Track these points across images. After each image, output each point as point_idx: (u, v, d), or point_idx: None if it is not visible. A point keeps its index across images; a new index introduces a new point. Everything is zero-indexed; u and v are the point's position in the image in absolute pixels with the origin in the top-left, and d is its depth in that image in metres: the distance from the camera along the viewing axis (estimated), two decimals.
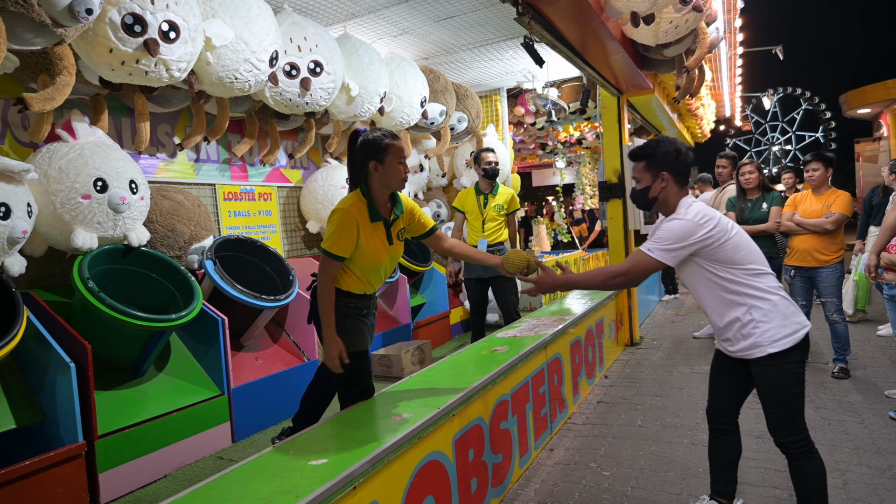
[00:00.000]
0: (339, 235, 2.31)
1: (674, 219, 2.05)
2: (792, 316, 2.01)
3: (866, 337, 5.21)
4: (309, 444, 1.94)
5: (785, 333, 1.98)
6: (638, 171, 2.15)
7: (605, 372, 4.64)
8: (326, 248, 2.33)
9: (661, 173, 2.08)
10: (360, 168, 2.38)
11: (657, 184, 2.10)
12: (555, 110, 7.29)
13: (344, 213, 2.31)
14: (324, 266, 2.35)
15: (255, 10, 3.43)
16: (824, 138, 23.25)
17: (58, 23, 2.38)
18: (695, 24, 4.34)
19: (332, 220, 2.34)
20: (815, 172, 4.10)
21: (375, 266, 2.45)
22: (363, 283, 2.48)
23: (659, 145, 2.10)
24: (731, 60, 8.10)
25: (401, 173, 2.38)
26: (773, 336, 1.98)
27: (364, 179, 2.39)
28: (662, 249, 2.01)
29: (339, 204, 2.37)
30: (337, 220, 2.32)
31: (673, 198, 2.10)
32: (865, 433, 3.11)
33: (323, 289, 2.35)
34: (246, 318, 3.90)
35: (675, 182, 2.09)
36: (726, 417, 2.27)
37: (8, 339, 2.51)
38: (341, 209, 2.33)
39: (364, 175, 2.38)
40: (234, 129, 4.56)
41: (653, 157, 2.10)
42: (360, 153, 2.37)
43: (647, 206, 2.18)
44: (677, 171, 2.08)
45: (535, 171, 15.10)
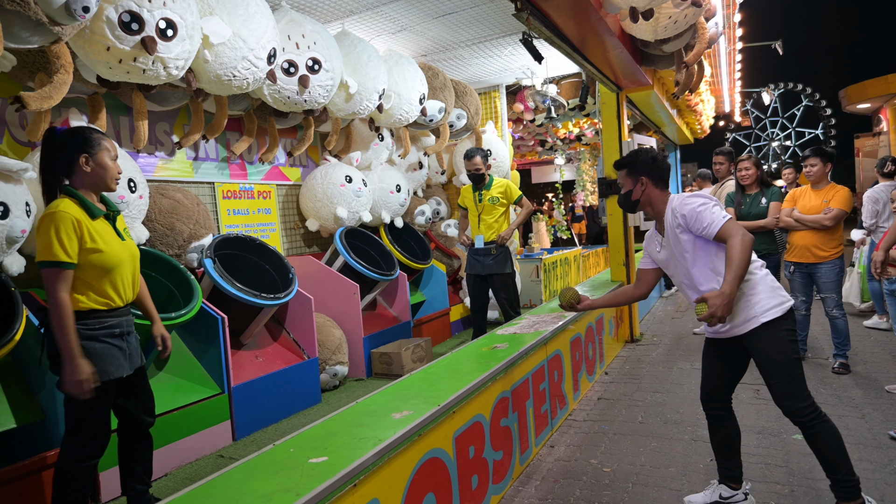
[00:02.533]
0: (58, 237, 2.04)
1: (684, 201, 2.21)
2: (777, 290, 2.18)
3: (866, 332, 5.20)
4: (309, 441, 1.93)
5: (774, 303, 2.14)
6: (621, 179, 2.40)
7: (606, 368, 4.64)
8: (54, 260, 2.03)
9: (640, 178, 2.32)
10: (65, 164, 2.19)
11: (637, 188, 2.33)
12: (554, 107, 7.27)
13: (60, 212, 2.08)
14: (53, 284, 2.04)
15: (253, 7, 3.42)
16: (824, 135, 23.23)
17: (54, 21, 2.37)
18: (694, 20, 4.32)
19: (48, 224, 2.06)
20: (813, 168, 4.10)
21: (115, 266, 2.22)
22: (103, 295, 2.20)
23: (638, 155, 2.36)
24: (731, 56, 8.09)
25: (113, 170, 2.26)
26: (764, 306, 2.13)
27: (69, 176, 2.20)
28: (717, 208, 2.15)
29: (48, 208, 2.11)
30: (59, 223, 2.06)
31: (657, 198, 2.32)
32: (866, 428, 3.11)
33: (56, 305, 2.04)
34: (246, 316, 3.90)
35: (653, 185, 2.31)
36: (719, 402, 2.38)
37: (7, 338, 2.51)
38: (61, 210, 2.08)
39: (69, 172, 2.20)
40: (232, 128, 4.55)
41: (632, 165, 2.35)
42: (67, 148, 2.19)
43: (631, 208, 2.40)
44: (654, 175, 2.31)
45: (535, 168, 15.09)
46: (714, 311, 2.02)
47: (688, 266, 2.24)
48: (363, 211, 5.16)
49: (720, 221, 2.10)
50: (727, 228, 2.09)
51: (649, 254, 2.47)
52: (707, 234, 2.13)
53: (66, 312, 2.06)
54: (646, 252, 2.50)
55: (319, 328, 4.39)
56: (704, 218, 2.13)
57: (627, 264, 5.51)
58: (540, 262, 6.82)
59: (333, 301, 4.76)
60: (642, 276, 2.52)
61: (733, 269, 2.03)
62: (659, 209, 2.32)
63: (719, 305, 2.01)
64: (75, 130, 2.25)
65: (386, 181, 5.55)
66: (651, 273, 2.50)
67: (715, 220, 2.11)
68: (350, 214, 5.03)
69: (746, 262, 2.04)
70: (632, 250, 5.60)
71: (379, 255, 5.24)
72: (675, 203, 2.25)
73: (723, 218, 2.10)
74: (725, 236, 2.08)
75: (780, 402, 2.15)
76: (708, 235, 2.13)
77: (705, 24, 4.61)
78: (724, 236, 2.09)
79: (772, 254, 4.28)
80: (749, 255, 2.05)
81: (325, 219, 5.01)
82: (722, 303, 2.00)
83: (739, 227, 2.08)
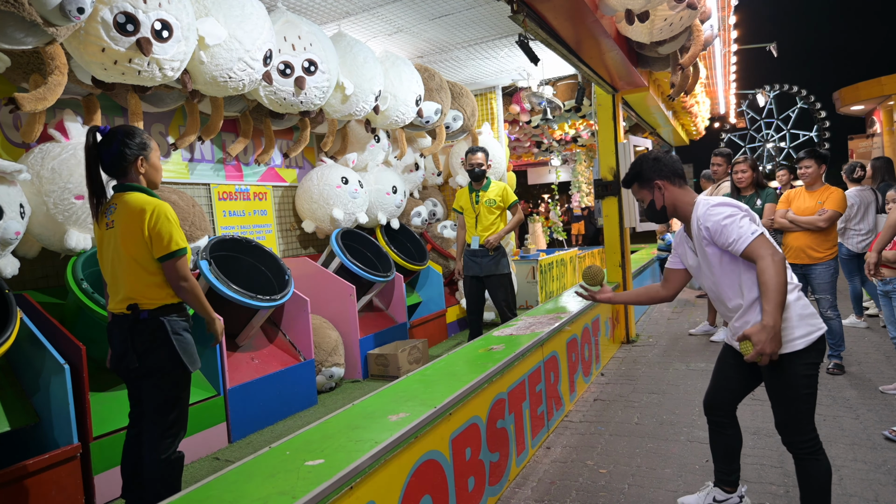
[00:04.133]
0: (178, 227, 2.25)
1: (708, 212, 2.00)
2: (808, 317, 1.96)
3: (860, 333, 5.23)
4: (305, 444, 1.93)
5: (800, 333, 1.93)
6: (636, 193, 2.22)
7: (602, 369, 4.65)
8: (179, 248, 2.22)
9: (654, 183, 2.14)
10: (121, 166, 2.28)
11: (657, 194, 2.15)
12: (550, 108, 7.29)
13: (164, 205, 2.24)
14: (184, 270, 2.25)
15: (249, 8, 3.42)
16: (818, 137, 23.34)
17: (49, 22, 2.36)
18: (689, 22, 4.34)
19: (162, 217, 2.20)
20: (807, 169, 4.12)
21: None
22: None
23: (640, 164, 2.18)
24: (726, 58, 8.13)
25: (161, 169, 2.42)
26: (789, 336, 1.92)
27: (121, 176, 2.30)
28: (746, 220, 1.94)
29: (146, 203, 2.21)
30: (168, 214, 2.22)
31: (680, 198, 2.12)
32: (860, 428, 3.13)
33: (196, 287, 2.28)
34: (242, 318, 3.89)
35: (671, 184, 2.13)
36: (724, 410, 2.28)
37: (1, 340, 2.49)
38: (161, 202, 2.24)
39: (123, 172, 2.29)
40: (228, 129, 4.54)
41: (640, 175, 2.17)
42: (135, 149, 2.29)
43: (662, 218, 2.20)
44: (666, 173, 2.13)
45: (531, 170, 15.12)
46: (762, 349, 1.80)
47: (716, 279, 2.08)
48: (359, 212, 5.15)
49: (748, 238, 1.89)
50: (756, 247, 1.88)
51: (679, 255, 2.30)
52: (733, 251, 1.94)
53: (200, 290, 2.32)
54: (675, 252, 2.33)
55: (316, 330, 4.38)
56: (731, 233, 1.92)
57: (623, 265, 5.52)
58: (536, 263, 6.82)
59: (330, 302, 4.75)
60: (670, 276, 2.34)
61: (772, 298, 1.80)
62: (685, 211, 2.11)
63: (766, 342, 1.79)
64: (128, 132, 2.28)
65: (382, 182, 5.55)
66: (679, 274, 2.32)
67: (742, 237, 1.90)
68: (346, 216, 5.03)
69: (783, 286, 1.82)
70: (627, 252, 5.61)
71: (375, 256, 5.24)
72: (699, 211, 2.04)
73: (751, 235, 1.89)
74: (754, 255, 1.89)
75: (779, 430, 2.05)
76: (734, 252, 1.94)
77: (700, 27, 4.63)
78: (752, 255, 1.89)
79: None
80: (784, 278, 1.84)
81: (322, 220, 5.01)
82: (768, 338, 1.79)
83: (770, 246, 1.89)
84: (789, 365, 1.94)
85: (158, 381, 2.28)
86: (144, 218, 2.17)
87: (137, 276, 2.22)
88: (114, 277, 2.29)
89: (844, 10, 49.61)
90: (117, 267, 2.26)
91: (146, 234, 2.18)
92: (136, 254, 2.20)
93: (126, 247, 2.20)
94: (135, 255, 2.21)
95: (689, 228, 2.16)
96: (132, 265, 2.21)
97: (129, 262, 2.21)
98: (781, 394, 1.99)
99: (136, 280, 2.22)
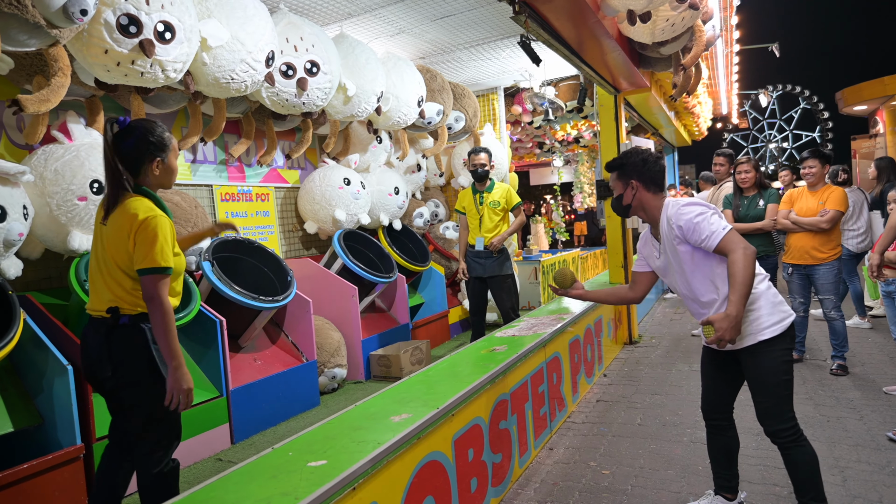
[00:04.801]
0: (167, 243, 2.01)
1: (679, 211, 2.08)
2: (778, 305, 2.07)
3: (864, 334, 5.21)
4: (308, 445, 1.93)
5: (774, 321, 2.04)
6: (612, 181, 2.28)
7: (604, 370, 4.64)
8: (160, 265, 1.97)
9: (630, 181, 2.21)
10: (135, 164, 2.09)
11: (629, 191, 2.22)
12: (552, 109, 7.29)
13: (161, 216, 2.02)
14: (161, 288, 1.99)
15: (251, 10, 3.42)
16: (821, 138, 23.30)
17: (52, 24, 2.37)
18: (691, 22, 4.34)
19: (155, 229, 1.98)
20: (811, 169, 4.11)
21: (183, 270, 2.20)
22: (175, 296, 2.15)
23: (628, 156, 2.23)
24: (728, 58, 8.12)
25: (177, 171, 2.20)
26: (762, 323, 2.04)
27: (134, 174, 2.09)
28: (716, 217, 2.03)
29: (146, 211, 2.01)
30: (163, 229, 2.01)
31: (649, 202, 2.20)
32: (864, 429, 3.11)
33: (167, 311, 2.00)
34: (244, 319, 3.89)
35: (645, 189, 2.20)
36: (721, 413, 2.31)
37: (5, 341, 2.50)
38: (160, 215, 2.03)
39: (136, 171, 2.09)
40: (230, 130, 4.55)
41: (623, 168, 2.23)
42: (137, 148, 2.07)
43: (623, 212, 2.27)
44: (646, 178, 2.19)
45: (533, 170, 15.12)
46: (722, 335, 1.90)
47: (687, 277, 2.15)
48: (361, 213, 5.15)
49: (720, 233, 1.98)
50: (727, 241, 1.97)
51: (645, 258, 2.37)
52: (706, 247, 2.02)
53: (173, 318, 2.01)
54: (641, 255, 2.40)
55: (318, 331, 4.38)
56: (703, 229, 2.01)
57: (626, 266, 5.52)
58: (538, 264, 6.82)
59: (332, 303, 4.75)
60: (637, 279, 2.42)
61: (738, 289, 1.90)
62: (653, 214, 2.20)
63: (726, 329, 1.89)
64: (148, 127, 2.11)
65: (384, 183, 5.55)
66: (646, 276, 2.39)
67: (714, 232, 1.99)
68: (348, 217, 5.03)
69: (751, 279, 1.92)
70: (630, 252, 5.61)
71: (377, 257, 5.24)
72: (670, 211, 2.12)
73: (723, 229, 1.98)
74: (726, 250, 1.97)
75: (761, 420, 2.10)
76: (707, 248, 2.02)
77: (702, 27, 4.63)
78: (724, 250, 1.98)
79: (769, 255, 4.29)
80: (753, 271, 1.94)
81: (324, 221, 5.01)
82: (729, 325, 1.89)
83: (741, 240, 1.97)
84: (767, 352, 2.04)
85: (140, 396, 2.08)
86: (134, 229, 1.99)
87: (120, 281, 2.06)
88: (96, 276, 2.12)
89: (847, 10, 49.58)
90: (101, 267, 2.10)
91: (132, 242, 2.00)
92: (120, 260, 2.04)
93: (111, 251, 2.06)
94: (118, 261, 2.05)
95: (655, 231, 2.24)
96: (115, 270, 2.06)
97: (113, 266, 2.06)
98: (763, 381, 2.07)
99: (117, 285, 2.06)
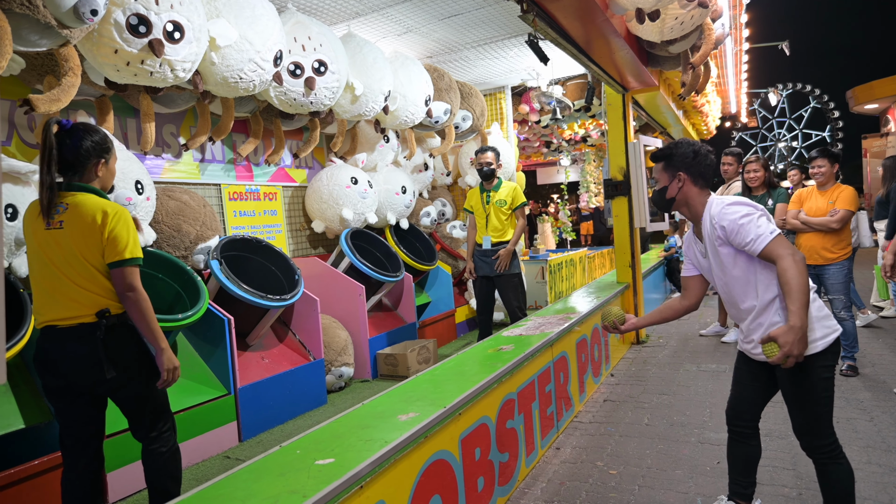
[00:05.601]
0: (135, 235, 2.10)
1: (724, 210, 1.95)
2: (824, 319, 1.93)
3: (874, 334, 5.17)
4: (315, 443, 1.94)
5: (818, 336, 1.90)
6: (657, 172, 2.15)
7: (612, 370, 4.63)
8: (136, 255, 2.07)
9: (677, 174, 2.08)
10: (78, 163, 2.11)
11: (674, 184, 2.09)
12: (559, 108, 7.27)
13: (124, 210, 2.09)
14: (133, 279, 2.07)
15: (260, 9, 3.43)
16: (831, 138, 23.10)
17: (63, 24, 2.39)
18: (700, 21, 4.31)
19: (122, 222, 2.04)
20: (821, 169, 4.07)
21: None
22: None
23: (677, 147, 2.11)
24: (737, 56, 8.06)
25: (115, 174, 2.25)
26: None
27: (77, 174, 2.11)
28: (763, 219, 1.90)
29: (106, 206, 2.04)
30: (128, 220, 2.08)
31: (695, 198, 2.07)
32: (875, 431, 3.09)
33: (145, 299, 2.09)
34: (252, 317, 3.91)
35: (692, 183, 2.07)
36: (746, 421, 2.20)
37: (16, 339, 2.53)
38: (121, 207, 2.08)
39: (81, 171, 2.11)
40: (238, 129, 4.57)
41: (670, 158, 2.10)
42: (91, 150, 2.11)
43: (665, 206, 2.14)
44: (694, 171, 2.07)
45: (540, 170, 15.07)
46: (789, 350, 1.73)
47: (727, 281, 2.03)
48: (369, 212, 5.16)
49: (767, 238, 1.84)
50: (775, 246, 1.83)
51: (691, 259, 2.23)
52: (751, 251, 1.88)
53: (150, 305, 2.12)
54: (686, 258, 2.27)
55: (325, 329, 4.40)
56: (748, 232, 1.87)
57: (633, 266, 5.50)
58: (545, 263, 6.80)
59: (339, 302, 4.77)
60: (688, 284, 2.25)
61: (796, 298, 1.76)
62: (697, 211, 2.07)
63: (793, 343, 1.72)
64: (91, 129, 2.14)
65: (391, 183, 5.56)
66: (697, 280, 2.23)
67: (761, 236, 1.85)
68: (355, 216, 5.04)
69: (807, 286, 1.79)
70: (637, 252, 5.58)
71: (384, 256, 5.25)
72: (713, 209, 1.99)
73: (770, 234, 1.84)
74: (773, 255, 1.83)
75: (798, 436, 2.00)
76: (752, 252, 1.88)
77: (712, 25, 4.60)
78: (771, 255, 1.84)
79: None
80: (807, 278, 1.80)
81: (331, 220, 5.02)
82: (795, 339, 1.73)
83: (789, 245, 1.84)
84: (808, 368, 1.90)
85: (141, 387, 2.18)
86: (106, 222, 2.01)
87: (99, 282, 2.06)
88: (60, 284, 2.04)
89: (858, 8, 49.14)
90: (68, 272, 2.04)
91: (105, 236, 2.02)
92: (95, 259, 2.04)
93: (82, 251, 2.03)
94: (92, 261, 2.04)
95: (698, 230, 2.12)
96: (92, 273, 2.04)
97: (87, 267, 2.03)
98: (801, 398, 1.95)
99: (98, 286, 2.06)
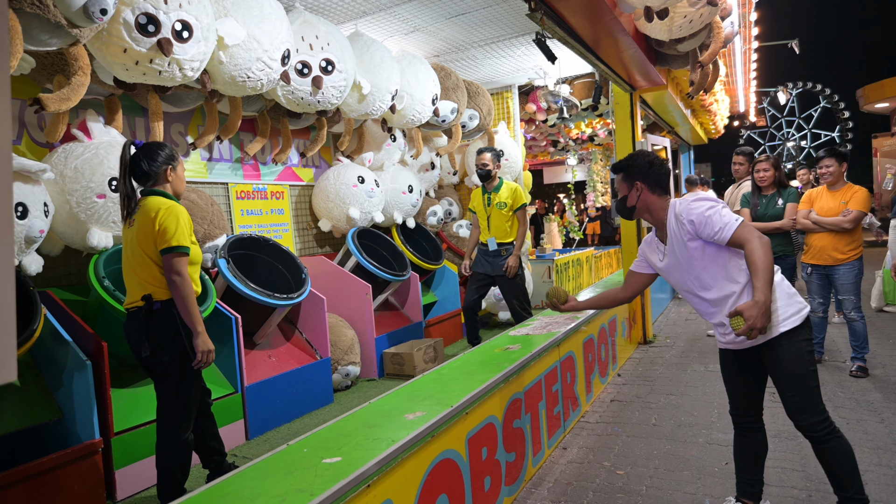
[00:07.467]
0: (184, 228, 2.38)
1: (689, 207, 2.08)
2: (793, 296, 2.07)
3: (885, 335, 5.12)
4: (322, 441, 1.94)
5: (792, 311, 2.03)
6: (617, 183, 2.30)
7: (619, 370, 4.61)
8: (180, 244, 2.34)
9: (635, 183, 2.21)
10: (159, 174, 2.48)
11: (633, 193, 2.22)
12: (566, 107, 7.24)
13: (178, 206, 2.41)
14: (182, 264, 2.36)
15: (267, 8, 3.44)
16: (840, 138, 22.92)
17: (73, 23, 2.40)
18: (709, 19, 4.28)
19: (172, 215, 2.35)
20: (829, 169, 4.04)
21: (199, 261, 2.56)
22: (195, 284, 2.50)
23: (634, 159, 2.25)
24: (746, 55, 8.00)
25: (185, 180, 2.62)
26: (782, 315, 2.03)
27: (149, 182, 2.49)
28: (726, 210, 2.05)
29: (162, 203, 2.39)
30: (179, 214, 2.38)
31: (654, 204, 2.19)
32: (885, 432, 3.06)
33: (188, 285, 2.37)
34: (259, 316, 3.92)
35: (650, 191, 2.19)
36: (752, 415, 2.25)
37: (25, 336, 2.54)
38: (176, 204, 2.41)
39: (154, 180, 2.48)
40: (246, 128, 4.58)
41: (628, 169, 2.23)
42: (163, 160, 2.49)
43: (627, 214, 2.27)
44: (651, 180, 2.19)
45: (547, 169, 15.05)
46: (753, 323, 1.86)
47: (698, 273, 2.11)
48: (375, 211, 5.17)
49: (733, 224, 1.97)
50: (741, 232, 1.96)
51: (647, 260, 2.35)
52: (719, 240, 2.00)
53: (193, 291, 2.39)
54: (641, 256, 2.38)
55: (332, 328, 4.40)
56: (715, 222, 1.99)
57: None
58: (552, 262, 6.79)
59: (346, 301, 4.77)
60: (632, 279, 2.41)
61: (762, 275, 1.89)
62: (658, 216, 2.19)
63: (757, 316, 1.85)
64: (158, 145, 2.53)
65: (398, 182, 5.56)
66: (643, 277, 2.39)
67: (727, 224, 1.98)
68: (362, 215, 5.04)
69: (772, 265, 1.92)
70: None
71: (391, 255, 5.25)
72: (678, 208, 2.11)
73: (735, 221, 1.98)
74: (740, 241, 1.97)
75: (794, 416, 2.06)
76: (720, 241, 2.00)
77: (720, 24, 4.57)
78: (738, 241, 1.97)
79: (788, 255, 4.22)
80: (772, 258, 1.93)
81: (338, 219, 5.03)
82: (759, 312, 1.86)
83: (753, 230, 1.97)
84: (789, 343, 2.02)
85: (174, 367, 2.44)
86: (159, 215, 2.34)
87: (150, 270, 2.39)
88: (129, 275, 2.45)
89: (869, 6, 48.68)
90: (133, 262, 2.42)
91: (156, 228, 2.33)
92: (149, 249, 2.37)
93: (140, 243, 2.37)
94: (147, 251, 2.37)
95: (661, 234, 2.23)
96: (145, 260, 2.38)
97: (143, 257, 2.38)
98: (790, 374, 2.04)
99: (149, 274, 2.39)
